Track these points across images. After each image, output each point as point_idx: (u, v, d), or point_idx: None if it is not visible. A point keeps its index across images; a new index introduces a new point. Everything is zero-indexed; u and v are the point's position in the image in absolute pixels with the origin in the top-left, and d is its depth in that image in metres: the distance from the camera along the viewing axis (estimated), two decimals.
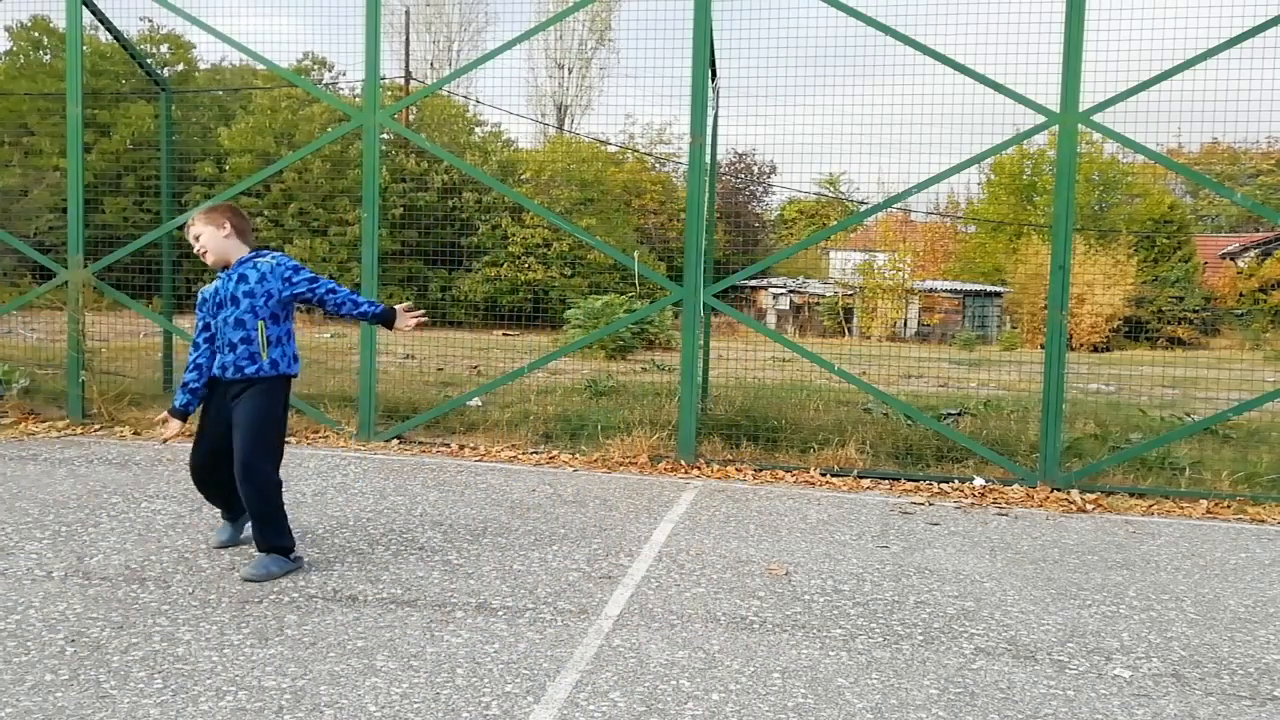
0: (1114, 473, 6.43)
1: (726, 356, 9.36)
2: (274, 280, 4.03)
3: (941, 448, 6.79)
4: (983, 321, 30.45)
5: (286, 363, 4.09)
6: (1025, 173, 34.34)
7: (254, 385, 4.02)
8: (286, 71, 8.46)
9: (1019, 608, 4.01)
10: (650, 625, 3.65)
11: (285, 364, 4.08)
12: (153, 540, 4.49)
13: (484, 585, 4.03)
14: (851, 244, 29.95)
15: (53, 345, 9.47)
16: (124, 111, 23.61)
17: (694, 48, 6.59)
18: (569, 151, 26.44)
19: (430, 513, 5.21)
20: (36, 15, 25.55)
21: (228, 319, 4.02)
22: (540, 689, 3.06)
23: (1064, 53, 6.12)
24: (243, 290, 4.02)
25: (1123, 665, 3.44)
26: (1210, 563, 4.80)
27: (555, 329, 17.93)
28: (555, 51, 40.94)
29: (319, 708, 2.88)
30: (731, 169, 33.59)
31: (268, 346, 4.01)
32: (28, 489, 5.39)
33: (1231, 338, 26.91)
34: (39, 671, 3.04)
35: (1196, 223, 36.95)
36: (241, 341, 4.01)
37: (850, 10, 6.35)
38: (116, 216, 20.60)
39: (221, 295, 4.06)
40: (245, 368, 4.01)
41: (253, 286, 4.02)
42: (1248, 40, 5.97)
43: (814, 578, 4.31)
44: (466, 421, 7.67)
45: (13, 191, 19.88)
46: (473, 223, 23.25)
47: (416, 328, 4.26)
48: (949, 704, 3.07)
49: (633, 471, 6.48)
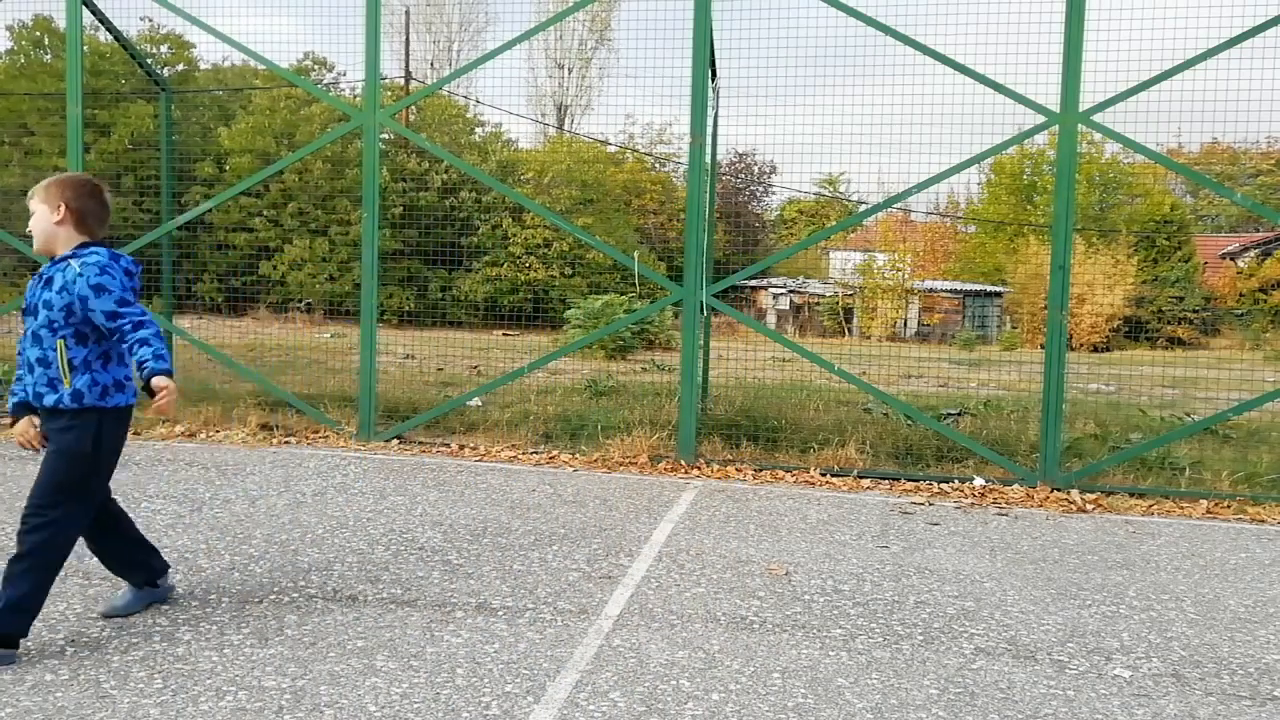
0: (1114, 473, 6.43)
1: (726, 356, 9.36)
2: (74, 294, 3.12)
3: (941, 448, 6.79)
4: (983, 321, 30.45)
5: (97, 393, 3.18)
6: (1025, 173, 34.33)
7: (57, 419, 3.20)
8: (286, 71, 8.46)
9: (1019, 608, 4.01)
10: (650, 625, 3.65)
11: (94, 395, 3.17)
12: (152, 540, 4.48)
13: (484, 585, 4.03)
14: (851, 244, 29.96)
15: None
16: (123, 111, 23.61)
17: (694, 48, 6.59)
18: (569, 151, 26.44)
19: (430, 513, 5.21)
20: (38, 15, 25.55)
21: (26, 331, 3.20)
22: (540, 689, 3.06)
23: (1064, 53, 6.11)
24: (43, 299, 3.17)
25: (1123, 665, 3.44)
26: (1210, 563, 4.80)
27: (555, 329, 17.93)
28: (555, 51, 40.95)
29: (319, 708, 2.88)
30: (731, 169, 33.59)
31: (70, 372, 3.16)
32: (28, 489, 5.37)
33: (1231, 338, 26.90)
34: (39, 671, 3.04)
35: (1196, 223, 36.94)
36: (39, 363, 3.18)
37: (850, 10, 6.35)
38: (116, 216, 20.60)
39: (28, 300, 3.22)
40: (44, 396, 3.19)
41: (52, 296, 3.15)
42: (1248, 40, 5.97)
43: (814, 578, 4.31)
44: (466, 421, 7.67)
45: (13, 191, 19.88)
46: (473, 222, 23.26)
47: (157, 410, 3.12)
48: (949, 704, 3.07)
49: (633, 471, 6.47)
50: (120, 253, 3.29)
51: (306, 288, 22.05)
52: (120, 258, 3.25)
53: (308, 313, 20.28)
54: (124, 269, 3.22)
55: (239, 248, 22.52)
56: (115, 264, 3.19)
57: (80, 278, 3.10)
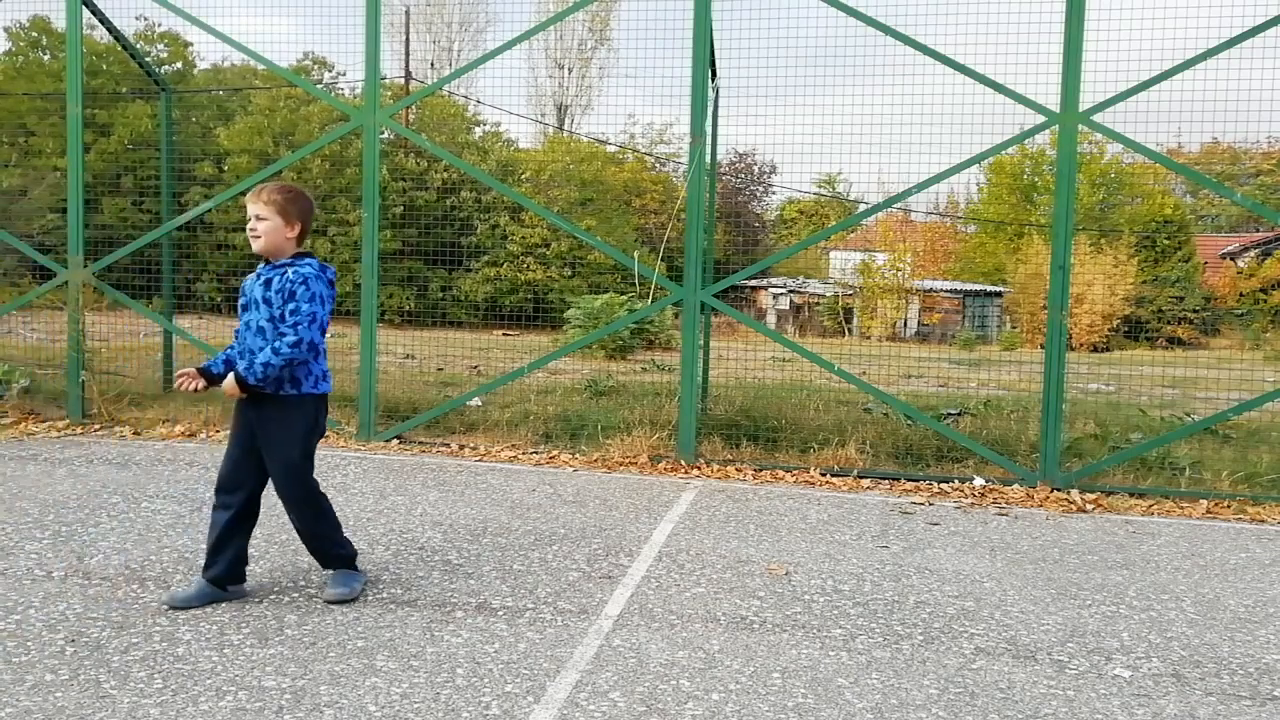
0: (1114, 473, 6.43)
1: (726, 356, 9.36)
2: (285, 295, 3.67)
3: (941, 448, 6.79)
4: (983, 321, 30.46)
5: (311, 382, 3.77)
6: (1025, 173, 34.33)
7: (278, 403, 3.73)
8: (286, 71, 8.46)
9: (1019, 608, 4.01)
10: (650, 625, 3.65)
11: (309, 383, 3.77)
12: (153, 540, 4.49)
13: (484, 585, 4.03)
14: (851, 244, 29.97)
15: (53, 345, 9.47)
16: (122, 111, 23.61)
17: (694, 48, 6.59)
18: (569, 151, 26.44)
19: (430, 513, 5.21)
20: (36, 15, 25.53)
21: (247, 322, 3.73)
22: (540, 689, 3.06)
23: (1064, 53, 6.11)
24: (263, 296, 3.70)
25: (1123, 665, 3.44)
26: (1210, 563, 4.80)
27: (555, 329, 17.93)
28: (555, 51, 40.96)
29: (319, 708, 2.88)
30: (731, 169, 33.59)
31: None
32: (28, 489, 5.38)
33: (1231, 338, 26.90)
34: (39, 671, 3.04)
35: (1196, 223, 36.94)
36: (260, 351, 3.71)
37: (850, 10, 6.35)
38: (115, 216, 20.61)
39: (246, 295, 3.75)
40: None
41: (271, 295, 3.68)
42: (1248, 40, 5.97)
43: (814, 578, 4.31)
44: (466, 421, 7.66)
45: (13, 191, 19.88)
46: (472, 222, 23.26)
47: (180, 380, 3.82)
48: (949, 704, 3.07)
49: (633, 471, 6.47)
50: (327, 265, 3.80)
51: None
52: (327, 269, 3.77)
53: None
54: (328, 279, 3.77)
55: (239, 248, 22.51)
56: (322, 274, 3.73)
57: (291, 283, 3.63)
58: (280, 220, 3.67)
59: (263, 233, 3.66)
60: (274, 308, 3.64)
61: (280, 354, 3.59)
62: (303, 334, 3.60)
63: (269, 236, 3.67)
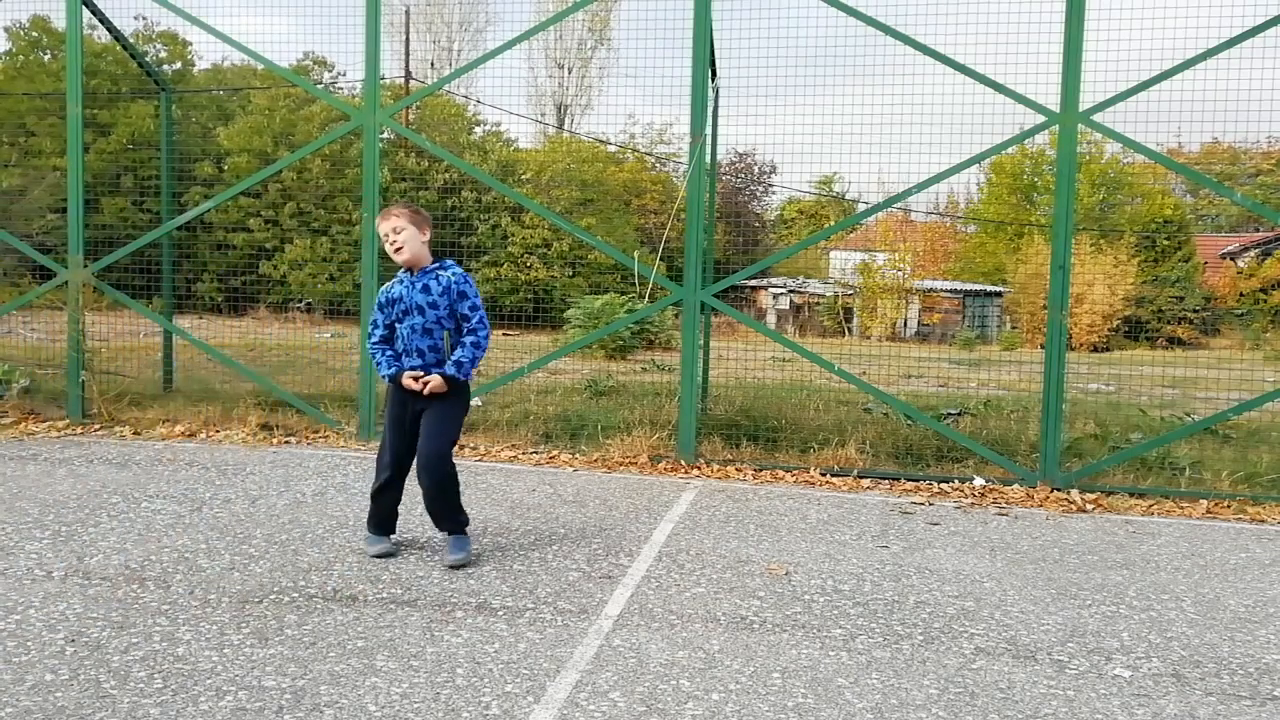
0: (1114, 473, 6.43)
1: (726, 356, 9.36)
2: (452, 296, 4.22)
3: (941, 448, 6.79)
4: (983, 321, 30.45)
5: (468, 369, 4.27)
6: (1025, 173, 34.33)
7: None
8: (286, 71, 8.46)
9: (1019, 608, 4.01)
10: (650, 625, 3.65)
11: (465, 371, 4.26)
12: (153, 540, 4.49)
13: (484, 585, 4.03)
14: (851, 244, 29.96)
15: (53, 345, 9.47)
16: (123, 111, 23.61)
17: (694, 47, 6.59)
18: (569, 151, 26.43)
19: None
20: (36, 15, 25.53)
21: (411, 326, 4.20)
22: (540, 689, 3.06)
23: (1064, 53, 6.11)
24: (427, 300, 4.19)
25: (1123, 665, 3.44)
26: (1210, 563, 4.80)
27: (555, 329, 17.93)
28: (555, 51, 40.96)
29: (319, 708, 2.88)
30: (731, 169, 33.59)
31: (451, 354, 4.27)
32: (28, 489, 5.38)
33: (1231, 338, 26.90)
34: (39, 671, 3.04)
35: (1196, 223, 36.94)
36: (430, 350, 4.22)
37: (850, 10, 6.35)
38: (115, 216, 20.60)
39: (408, 301, 4.22)
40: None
41: (435, 298, 4.19)
42: (1248, 40, 5.97)
43: (814, 578, 4.31)
44: (466, 421, 7.66)
45: (13, 191, 19.88)
46: (473, 222, 23.25)
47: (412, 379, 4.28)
48: (949, 704, 3.07)
49: (633, 471, 6.47)
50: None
51: (307, 288, 22.04)
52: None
53: (308, 312, 20.27)
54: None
55: (239, 247, 22.52)
56: (469, 275, 4.29)
57: (454, 284, 4.18)
58: (415, 228, 4.14)
59: (404, 242, 4.12)
60: (441, 309, 4.17)
61: (481, 348, 4.20)
62: (488, 326, 4.23)
63: (410, 245, 4.13)
